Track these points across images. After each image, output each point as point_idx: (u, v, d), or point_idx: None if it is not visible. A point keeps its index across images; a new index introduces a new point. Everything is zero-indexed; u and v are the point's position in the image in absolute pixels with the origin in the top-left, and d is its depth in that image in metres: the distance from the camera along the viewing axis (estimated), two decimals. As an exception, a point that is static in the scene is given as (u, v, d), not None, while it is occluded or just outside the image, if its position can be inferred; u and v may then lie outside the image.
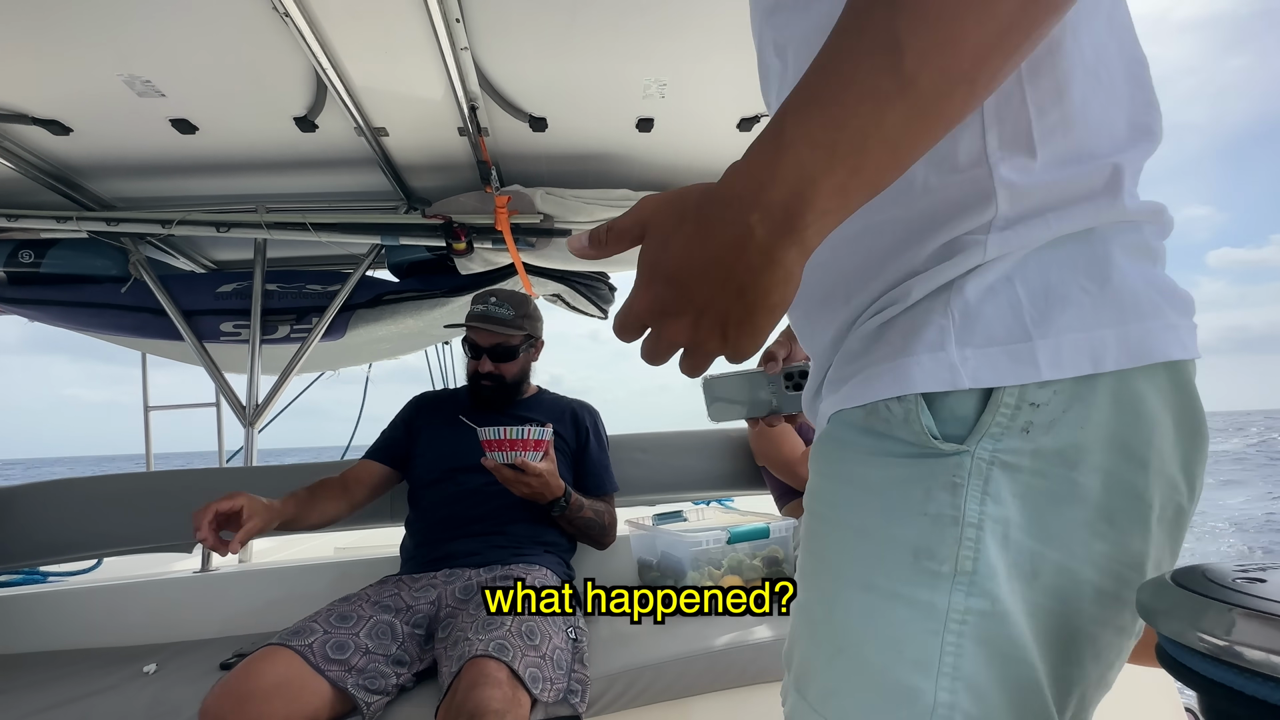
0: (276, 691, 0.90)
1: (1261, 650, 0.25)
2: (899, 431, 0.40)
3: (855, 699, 0.39)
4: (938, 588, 0.37)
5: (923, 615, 0.38)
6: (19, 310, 2.08)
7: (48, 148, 1.74)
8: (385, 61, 1.46)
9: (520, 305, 1.54)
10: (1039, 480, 0.37)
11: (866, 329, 0.44)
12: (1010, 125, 0.39)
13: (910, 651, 0.38)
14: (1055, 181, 0.39)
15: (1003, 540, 0.37)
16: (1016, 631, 0.37)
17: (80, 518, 1.60)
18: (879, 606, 0.39)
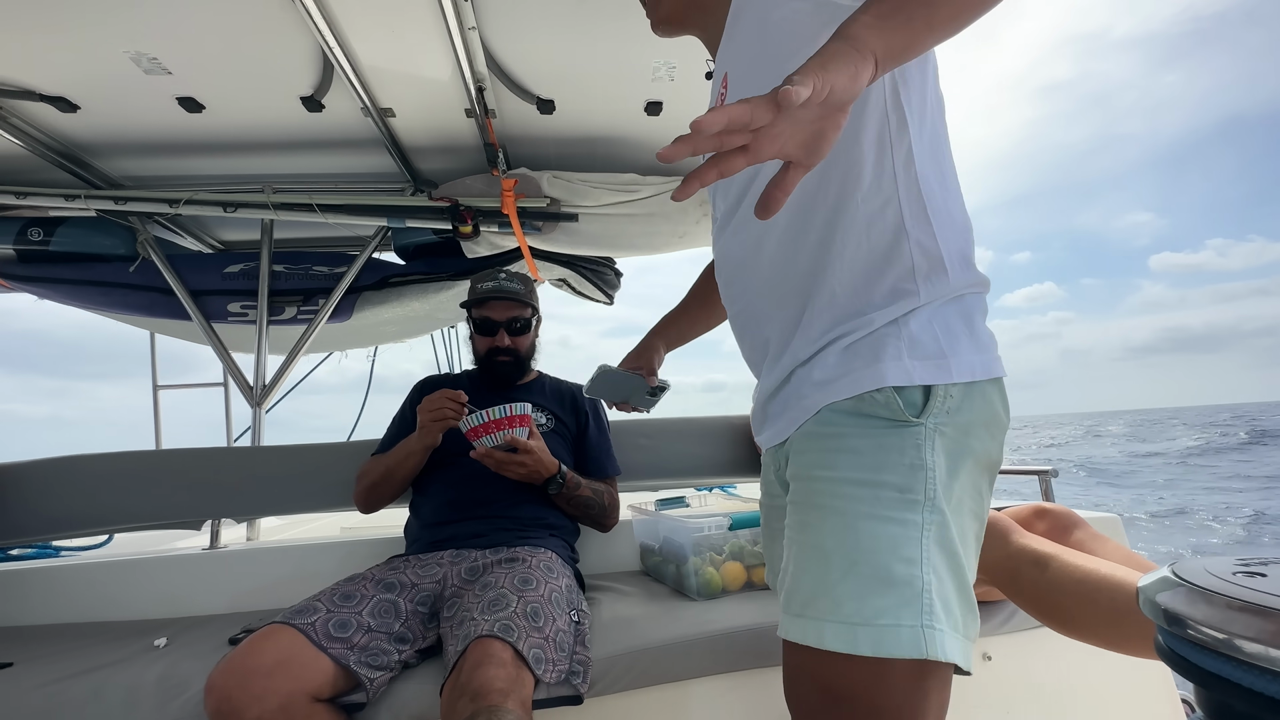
0: (279, 668, 0.91)
1: (1259, 643, 0.25)
2: (881, 411, 0.63)
3: (868, 597, 0.57)
4: (914, 510, 0.59)
5: (908, 529, 0.59)
6: (28, 288, 2.10)
7: (56, 125, 1.73)
8: (392, 41, 1.44)
9: (525, 281, 1.57)
10: (953, 442, 0.62)
11: (839, 346, 0.66)
12: (914, 207, 0.66)
13: (904, 553, 0.58)
14: (943, 249, 0.65)
15: (942, 477, 0.60)
16: (951, 532, 0.60)
17: (92, 494, 1.63)
18: (880, 528, 0.59)
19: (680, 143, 0.43)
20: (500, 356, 1.51)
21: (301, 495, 1.71)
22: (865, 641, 0.56)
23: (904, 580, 0.57)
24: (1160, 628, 0.30)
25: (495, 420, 1.31)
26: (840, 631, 0.57)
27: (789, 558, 0.66)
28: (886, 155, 0.66)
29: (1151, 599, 0.30)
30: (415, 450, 1.37)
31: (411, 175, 2.07)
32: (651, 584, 1.53)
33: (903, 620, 0.56)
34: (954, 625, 0.58)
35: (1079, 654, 1.30)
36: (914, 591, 0.57)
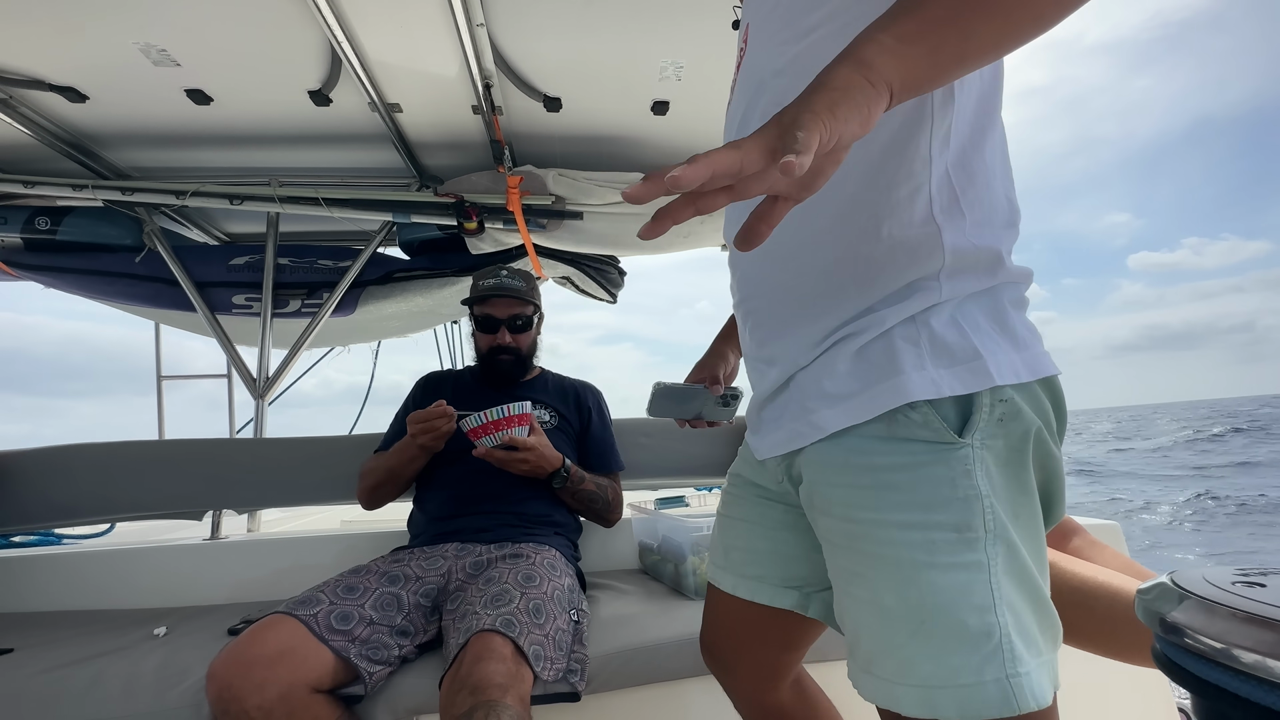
0: (280, 659, 0.92)
1: (1257, 654, 0.25)
2: (919, 433, 0.54)
3: (943, 656, 0.51)
4: (977, 548, 0.52)
5: (975, 571, 0.51)
6: (35, 276, 2.11)
7: (64, 115, 1.74)
8: (400, 36, 1.45)
9: (527, 278, 1.57)
10: (1010, 453, 0.54)
11: (849, 349, 0.58)
12: (947, 197, 0.57)
13: (975, 600, 0.51)
14: (975, 246, 0.57)
15: (1001, 499, 0.53)
16: (1021, 557, 0.53)
17: (94, 483, 1.63)
18: (944, 577, 0.52)
19: (649, 183, 0.38)
20: (502, 355, 1.51)
21: (303, 487, 1.71)
22: (948, 705, 0.50)
23: (981, 631, 0.50)
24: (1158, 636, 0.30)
25: (494, 421, 1.31)
26: (917, 695, 0.52)
27: (845, 605, 0.59)
28: (924, 131, 0.56)
29: (1149, 607, 0.30)
30: (417, 455, 1.38)
31: (417, 170, 2.07)
32: (650, 583, 1.54)
33: (985, 675, 0.50)
34: (1037, 656, 0.52)
35: (1076, 663, 1.29)
36: (993, 643, 0.50)
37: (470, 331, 1.60)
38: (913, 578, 0.52)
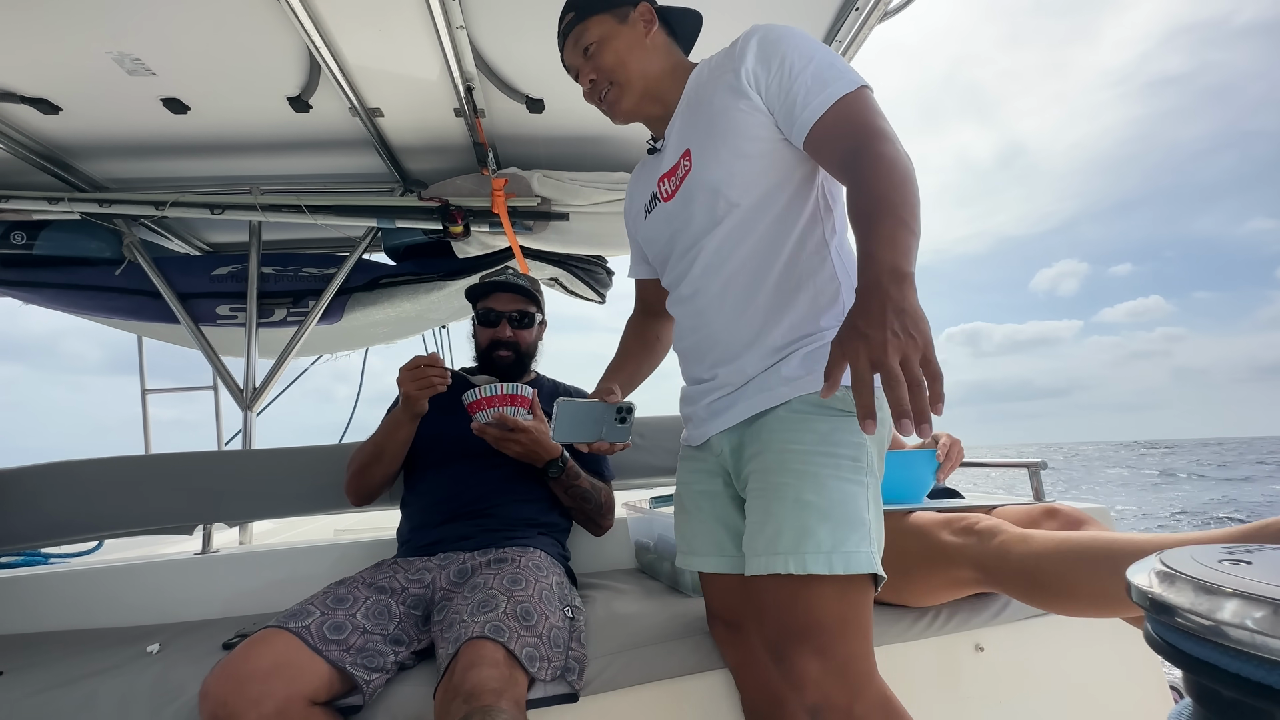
0: (275, 672, 0.90)
1: (1245, 630, 0.26)
2: (836, 404, 0.85)
3: (839, 535, 0.79)
4: (861, 474, 0.83)
5: (860, 486, 0.82)
6: (12, 292, 2.07)
7: (37, 127, 1.71)
8: (379, 40, 1.44)
9: (533, 283, 1.58)
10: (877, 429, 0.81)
11: (801, 353, 0.89)
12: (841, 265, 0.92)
13: (859, 503, 0.81)
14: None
15: (871, 453, 0.85)
16: (878, 491, 0.85)
17: (81, 500, 1.61)
18: (844, 486, 0.82)
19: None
20: (501, 350, 1.50)
21: (294, 498, 1.70)
22: (839, 563, 0.77)
23: (861, 521, 0.80)
24: (1148, 615, 0.31)
25: (491, 396, 1.31)
26: (819, 559, 0.78)
27: (763, 512, 0.84)
28: (818, 226, 0.92)
29: (1140, 587, 0.31)
30: (403, 420, 1.35)
31: (401, 175, 2.06)
32: (647, 581, 1.54)
33: (860, 547, 0.79)
34: (879, 550, 0.82)
35: (1069, 643, 1.31)
36: (865, 529, 0.80)
37: (470, 332, 1.59)
38: (827, 483, 0.81)
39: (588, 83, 1.05)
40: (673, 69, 1.04)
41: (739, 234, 0.92)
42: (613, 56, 1.01)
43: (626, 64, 1.01)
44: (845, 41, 1.50)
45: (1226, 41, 36.95)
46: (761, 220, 0.91)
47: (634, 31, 1.02)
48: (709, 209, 0.94)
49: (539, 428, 1.33)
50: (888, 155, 0.76)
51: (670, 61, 1.04)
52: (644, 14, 1.03)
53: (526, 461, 1.35)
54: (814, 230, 0.92)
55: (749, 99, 0.90)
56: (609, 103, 1.04)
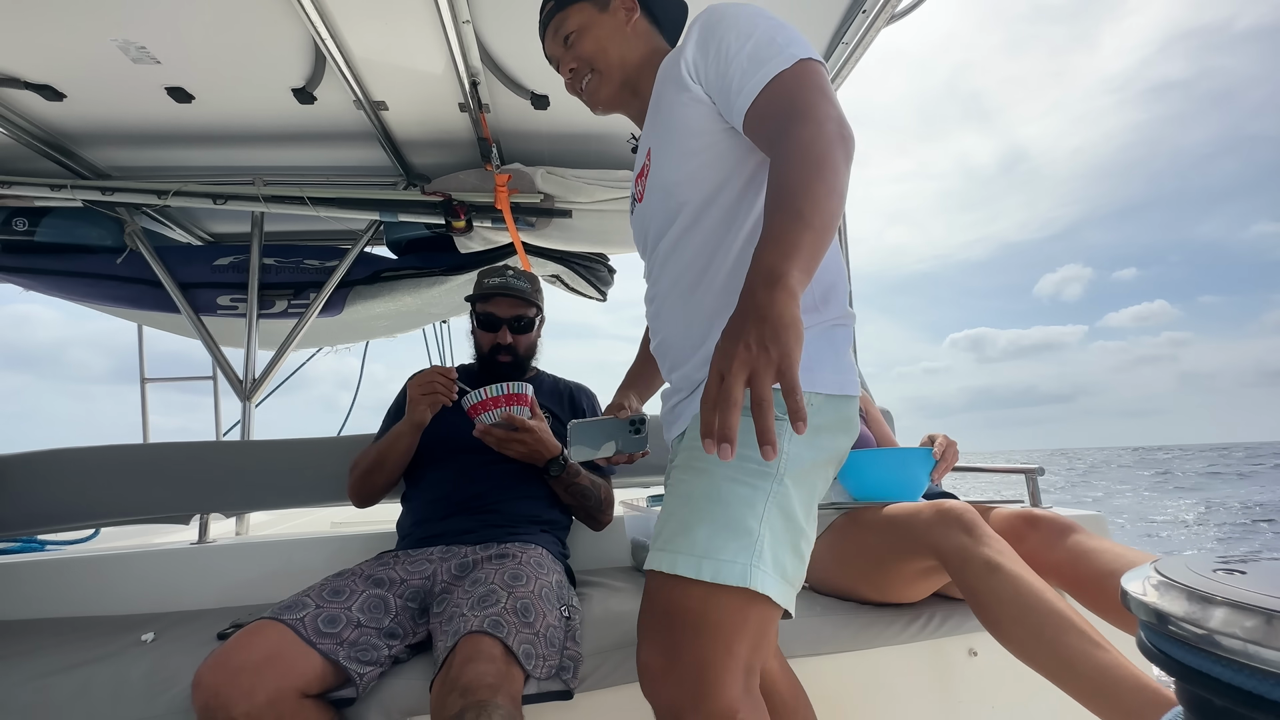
0: (268, 664, 0.91)
1: (1237, 639, 0.26)
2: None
3: (716, 538, 0.72)
4: (765, 480, 0.75)
5: (757, 492, 0.74)
6: (13, 279, 2.07)
7: (41, 114, 1.71)
8: (385, 33, 1.43)
9: (532, 280, 1.57)
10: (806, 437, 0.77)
11: None
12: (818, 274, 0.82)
13: (751, 509, 0.73)
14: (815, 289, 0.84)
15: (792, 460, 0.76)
16: (792, 502, 0.75)
17: (78, 488, 1.61)
18: (737, 489, 0.74)
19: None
20: (501, 355, 1.51)
21: (291, 490, 1.70)
22: (707, 569, 0.71)
23: (746, 530, 0.72)
24: (1142, 624, 0.31)
25: (494, 397, 1.31)
26: (689, 561, 0.72)
27: (666, 506, 0.81)
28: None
29: (1134, 595, 0.31)
30: (405, 431, 1.37)
31: (404, 169, 2.06)
32: (643, 580, 1.54)
33: (738, 559, 0.71)
34: (780, 572, 0.73)
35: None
36: (751, 540, 0.72)
37: (470, 329, 1.59)
38: (716, 484, 0.75)
39: (568, 72, 1.02)
40: (651, 59, 1.00)
41: (687, 234, 0.88)
42: (593, 44, 0.99)
43: (606, 51, 0.98)
44: (852, 44, 1.49)
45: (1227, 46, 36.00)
46: (708, 218, 0.87)
47: (614, 19, 0.99)
48: (664, 209, 0.92)
49: (541, 426, 1.33)
50: (802, 138, 0.69)
51: (650, 50, 1.01)
52: (625, 1, 1.00)
53: (528, 461, 1.35)
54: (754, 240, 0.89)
55: (690, 90, 0.86)
56: (589, 92, 1.02)
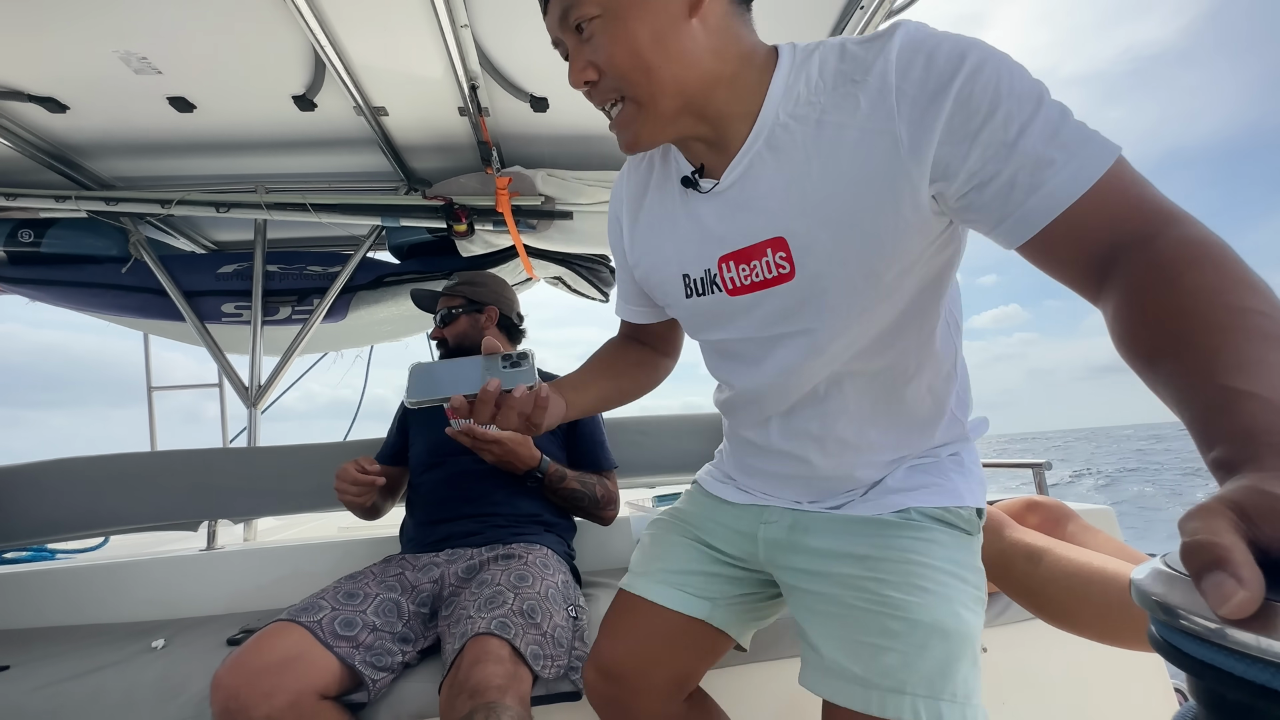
0: (287, 666, 0.91)
1: (1249, 631, 0.25)
2: (958, 522, 0.73)
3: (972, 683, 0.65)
4: (980, 606, 0.70)
5: (979, 621, 0.68)
6: (19, 290, 2.08)
7: (45, 126, 1.72)
8: (384, 39, 1.44)
9: (469, 277, 1.62)
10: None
11: (905, 465, 0.76)
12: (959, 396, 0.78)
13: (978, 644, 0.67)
14: (969, 405, 0.80)
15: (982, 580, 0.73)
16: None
17: (87, 496, 1.62)
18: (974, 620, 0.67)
19: None
20: (438, 346, 1.59)
21: (298, 495, 1.70)
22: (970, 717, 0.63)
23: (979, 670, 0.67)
24: (1152, 618, 0.31)
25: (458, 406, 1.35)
26: (955, 710, 0.62)
27: (875, 629, 0.66)
28: (950, 351, 0.74)
29: (1143, 589, 0.31)
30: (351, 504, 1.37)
31: (405, 174, 2.06)
32: (650, 580, 1.54)
33: (981, 712, 0.64)
34: None
35: (1073, 645, 1.31)
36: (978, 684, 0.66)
37: None
38: (959, 613, 0.66)
39: (581, 82, 0.65)
40: (740, 66, 0.62)
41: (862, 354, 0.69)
42: (625, 47, 0.59)
43: (650, 65, 0.59)
44: (850, 40, 1.49)
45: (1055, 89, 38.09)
46: (900, 339, 0.69)
47: (665, 5, 0.58)
48: (820, 337, 0.68)
49: (514, 438, 1.33)
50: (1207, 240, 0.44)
51: (735, 53, 0.62)
52: None
53: (504, 469, 1.35)
54: (949, 334, 0.72)
55: (920, 196, 0.56)
56: (619, 125, 0.66)
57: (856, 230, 0.59)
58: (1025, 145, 0.50)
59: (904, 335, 0.69)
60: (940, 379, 0.74)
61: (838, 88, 0.58)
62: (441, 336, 1.58)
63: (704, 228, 0.69)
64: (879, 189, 0.57)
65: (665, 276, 0.76)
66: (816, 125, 0.60)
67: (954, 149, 0.53)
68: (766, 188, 0.63)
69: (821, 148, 0.59)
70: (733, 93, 0.62)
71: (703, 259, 0.71)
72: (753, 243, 0.65)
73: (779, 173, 0.62)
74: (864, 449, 0.76)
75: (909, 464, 0.76)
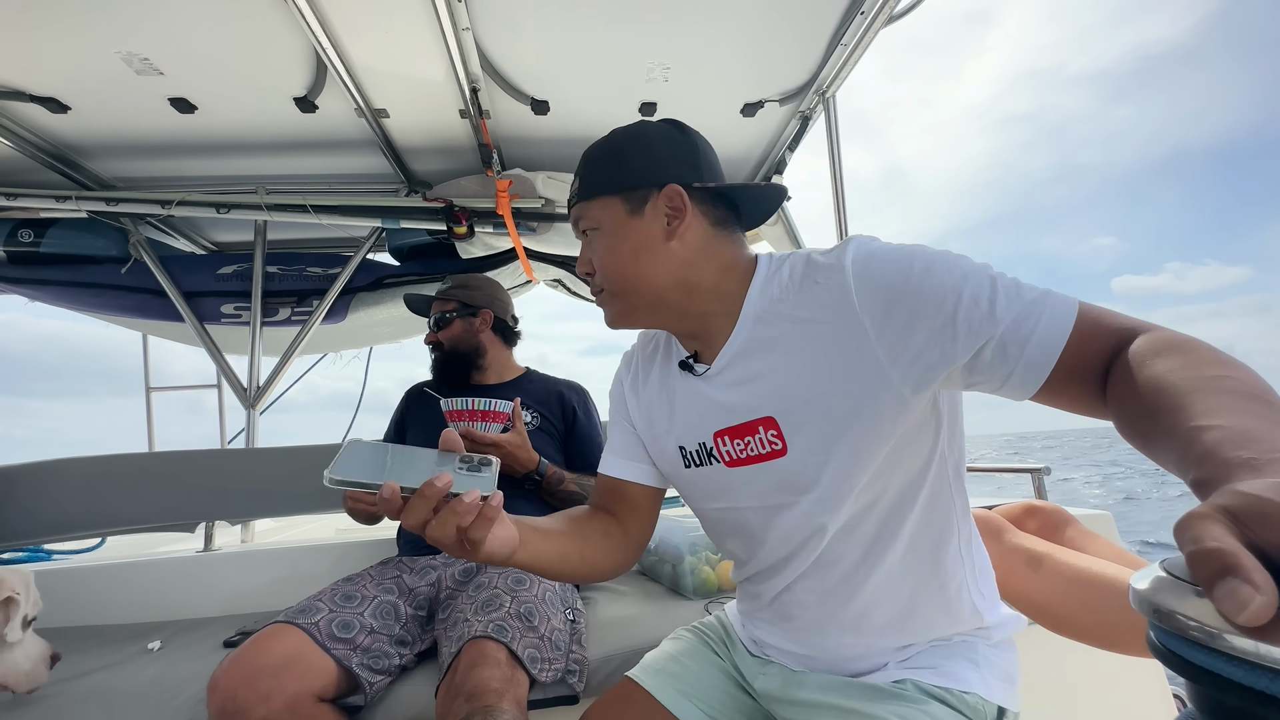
0: (285, 668, 0.91)
1: (1249, 638, 0.25)
2: (966, 710, 0.66)
3: None
4: None
5: None
6: (19, 290, 2.08)
7: (46, 126, 1.72)
8: (385, 41, 1.44)
9: (463, 280, 1.61)
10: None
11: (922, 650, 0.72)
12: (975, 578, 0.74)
13: None
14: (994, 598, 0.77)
15: None
16: None
17: (84, 497, 1.62)
18: None
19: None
20: (433, 350, 1.58)
21: (296, 497, 1.70)
22: None
23: None
24: (1151, 624, 0.31)
25: (461, 410, 1.41)
26: None
27: None
28: (968, 559, 0.74)
29: (1142, 595, 0.31)
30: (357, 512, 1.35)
31: (406, 176, 2.07)
32: (648, 583, 1.54)
33: None
34: None
35: (1071, 651, 1.30)
36: None
37: None
38: None
39: (582, 271, 0.79)
40: (719, 276, 0.73)
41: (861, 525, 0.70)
42: (610, 255, 0.73)
43: (626, 273, 0.73)
44: (850, 45, 1.50)
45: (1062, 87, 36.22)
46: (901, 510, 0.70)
47: (648, 230, 0.71)
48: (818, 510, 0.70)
49: (512, 441, 1.33)
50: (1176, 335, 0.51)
51: (713, 264, 0.73)
52: (670, 201, 0.71)
53: (503, 472, 1.35)
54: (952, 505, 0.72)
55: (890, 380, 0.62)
56: (601, 304, 0.78)
57: (839, 414, 0.65)
58: (1000, 311, 0.57)
59: (904, 507, 0.69)
60: (948, 555, 0.71)
61: (804, 289, 0.68)
62: (436, 340, 1.57)
63: (700, 405, 0.76)
64: (853, 376, 0.63)
65: (664, 447, 0.81)
66: (790, 321, 0.68)
67: (934, 338, 0.59)
68: (753, 373, 0.70)
69: (795, 340, 0.67)
70: (714, 296, 0.73)
71: (699, 433, 0.76)
72: (745, 420, 0.71)
73: (762, 362, 0.70)
74: (866, 630, 0.72)
75: (915, 649, 0.72)
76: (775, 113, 1.78)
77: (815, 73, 1.61)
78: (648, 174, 0.73)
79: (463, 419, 1.39)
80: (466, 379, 1.55)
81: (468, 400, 1.42)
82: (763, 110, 1.76)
